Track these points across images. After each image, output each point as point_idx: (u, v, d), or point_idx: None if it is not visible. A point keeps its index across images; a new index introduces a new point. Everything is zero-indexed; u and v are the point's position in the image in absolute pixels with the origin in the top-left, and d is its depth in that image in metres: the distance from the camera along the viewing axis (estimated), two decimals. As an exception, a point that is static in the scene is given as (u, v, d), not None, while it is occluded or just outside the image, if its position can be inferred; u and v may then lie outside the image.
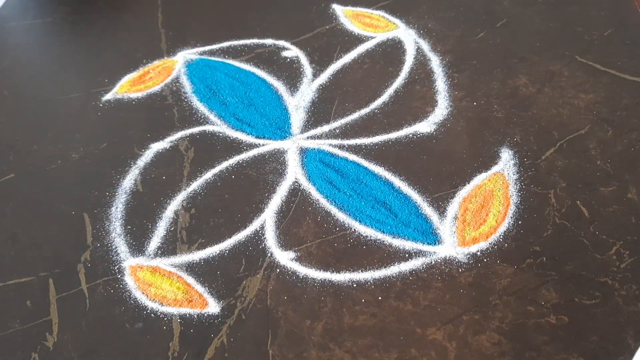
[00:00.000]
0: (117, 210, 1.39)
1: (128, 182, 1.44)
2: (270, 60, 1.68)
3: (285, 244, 1.29)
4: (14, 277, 1.30)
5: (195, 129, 1.53)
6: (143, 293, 1.25)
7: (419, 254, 1.24)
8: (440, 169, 1.37)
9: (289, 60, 1.67)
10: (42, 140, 1.56)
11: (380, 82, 1.58)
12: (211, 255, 1.29)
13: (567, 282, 1.16)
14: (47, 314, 1.23)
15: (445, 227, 1.27)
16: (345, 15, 1.80)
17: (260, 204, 1.36)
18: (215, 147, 1.48)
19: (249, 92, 1.59)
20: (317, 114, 1.53)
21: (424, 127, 1.46)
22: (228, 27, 1.79)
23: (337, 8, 1.82)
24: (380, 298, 1.18)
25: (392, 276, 1.22)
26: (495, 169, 1.36)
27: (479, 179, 1.35)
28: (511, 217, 1.27)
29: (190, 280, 1.25)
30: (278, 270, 1.25)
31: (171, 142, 1.51)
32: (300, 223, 1.32)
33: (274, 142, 1.48)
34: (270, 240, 1.30)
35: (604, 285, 1.15)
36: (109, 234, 1.35)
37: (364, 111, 1.52)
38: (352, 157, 1.42)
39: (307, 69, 1.64)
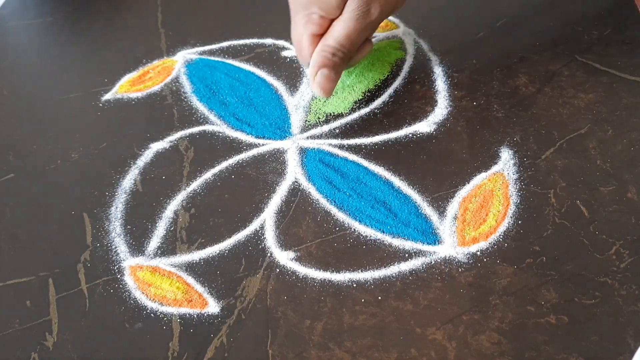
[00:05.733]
0: (117, 210, 1.38)
1: (128, 182, 1.44)
2: (270, 60, 1.67)
3: (285, 244, 1.29)
4: (14, 277, 1.30)
5: (195, 129, 1.53)
6: (143, 293, 1.24)
7: (418, 253, 1.24)
8: (440, 168, 1.37)
9: (288, 60, 1.67)
10: (42, 140, 1.56)
11: (380, 82, 1.58)
12: (211, 255, 1.29)
13: (567, 282, 1.16)
14: (47, 314, 1.23)
15: (445, 226, 1.27)
16: (345, 15, 1.79)
17: (260, 203, 1.36)
18: (215, 147, 1.48)
19: (249, 91, 1.59)
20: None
21: (424, 127, 1.46)
22: (228, 27, 1.79)
23: (337, 8, 1.82)
24: (380, 298, 1.18)
25: (392, 276, 1.21)
26: (495, 168, 1.36)
27: (479, 178, 1.34)
28: (511, 217, 1.27)
29: (190, 280, 1.25)
30: (278, 270, 1.25)
31: (171, 142, 1.51)
32: (300, 223, 1.31)
33: (273, 142, 1.48)
34: (270, 240, 1.30)
35: (603, 285, 1.15)
36: (109, 233, 1.35)
37: (364, 111, 1.52)
38: (352, 157, 1.42)
39: (307, 68, 1.64)
